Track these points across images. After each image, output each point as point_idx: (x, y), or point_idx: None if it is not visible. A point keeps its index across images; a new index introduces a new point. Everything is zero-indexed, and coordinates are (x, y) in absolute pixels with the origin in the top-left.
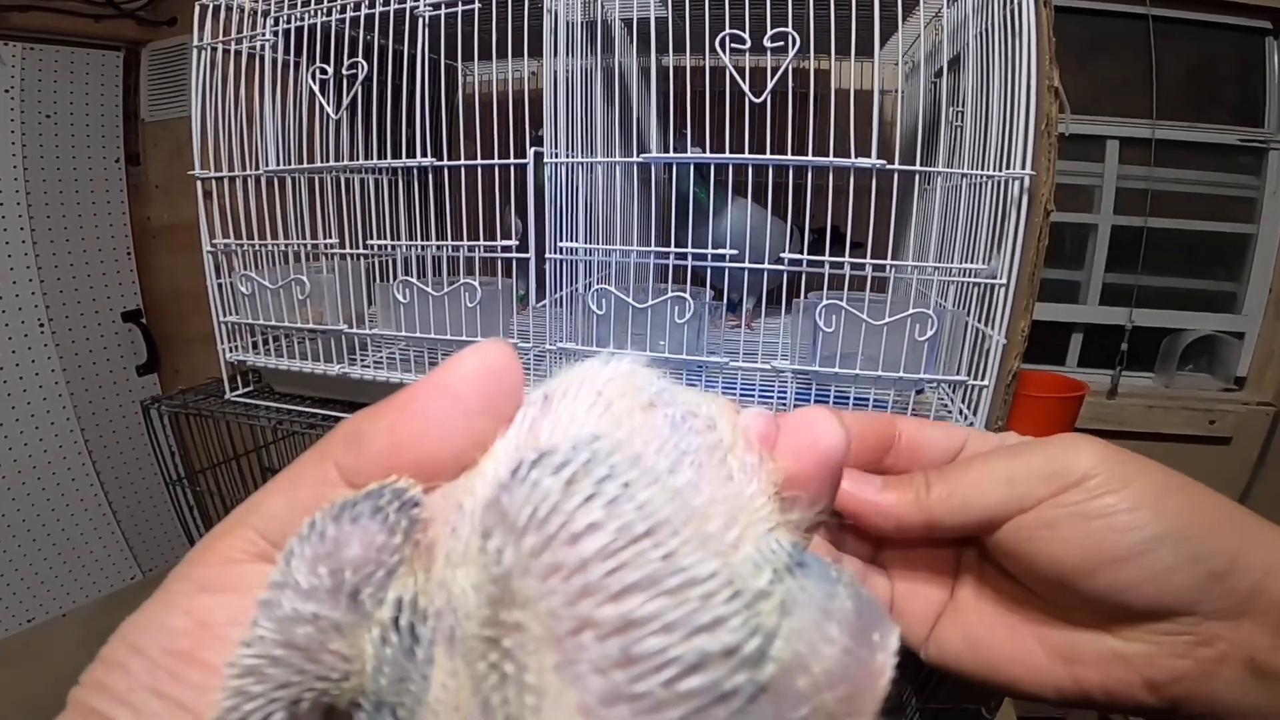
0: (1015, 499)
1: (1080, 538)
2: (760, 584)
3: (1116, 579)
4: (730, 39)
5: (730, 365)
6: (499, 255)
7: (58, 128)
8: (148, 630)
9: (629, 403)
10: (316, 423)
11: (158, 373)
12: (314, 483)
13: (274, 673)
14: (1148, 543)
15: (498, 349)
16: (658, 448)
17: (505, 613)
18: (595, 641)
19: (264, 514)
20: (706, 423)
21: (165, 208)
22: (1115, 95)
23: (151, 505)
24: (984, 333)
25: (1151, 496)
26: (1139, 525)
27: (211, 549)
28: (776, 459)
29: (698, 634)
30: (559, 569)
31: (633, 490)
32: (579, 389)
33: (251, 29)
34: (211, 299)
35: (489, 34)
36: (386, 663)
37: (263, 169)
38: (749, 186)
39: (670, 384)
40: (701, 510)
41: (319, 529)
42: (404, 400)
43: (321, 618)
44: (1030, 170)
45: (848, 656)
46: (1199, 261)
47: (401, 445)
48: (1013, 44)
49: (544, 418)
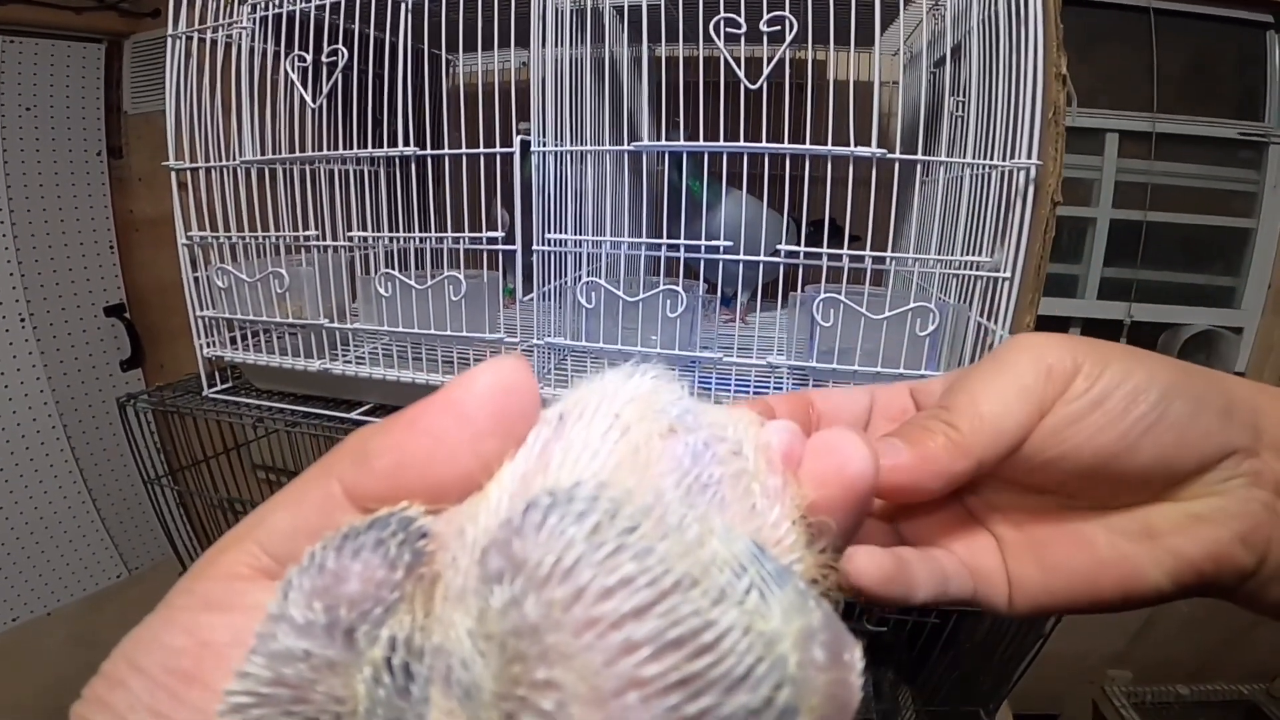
0: (1035, 404)
1: (1110, 420)
2: (774, 625)
3: (1159, 444)
4: (725, 24)
5: (724, 361)
6: (484, 247)
7: (38, 120)
8: (149, 647)
9: (647, 428)
10: (298, 419)
11: (142, 368)
12: (319, 499)
13: (262, 712)
14: (1162, 401)
15: (513, 366)
16: (676, 481)
17: (537, 670)
18: (641, 702)
19: (268, 529)
20: (731, 448)
21: (148, 201)
22: (1115, 88)
23: (137, 503)
24: (987, 328)
25: (1133, 364)
26: (1145, 389)
27: (216, 563)
28: (801, 483)
29: (737, 690)
30: (596, 624)
31: (652, 541)
32: (595, 411)
33: (229, 17)
34: (187, 293)
35: (475, 22)
36: (379, 704)
37: (239, 159)
38: (744, 177)
39: (694, 403)
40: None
41: (318, 561)
42: (412, 417)
43: (314, 655)
44: (1036, 160)
45: (835, 684)
46: (1198, 256)
47: (407, 465)
48: (1018, 31)
49: (556, 441)
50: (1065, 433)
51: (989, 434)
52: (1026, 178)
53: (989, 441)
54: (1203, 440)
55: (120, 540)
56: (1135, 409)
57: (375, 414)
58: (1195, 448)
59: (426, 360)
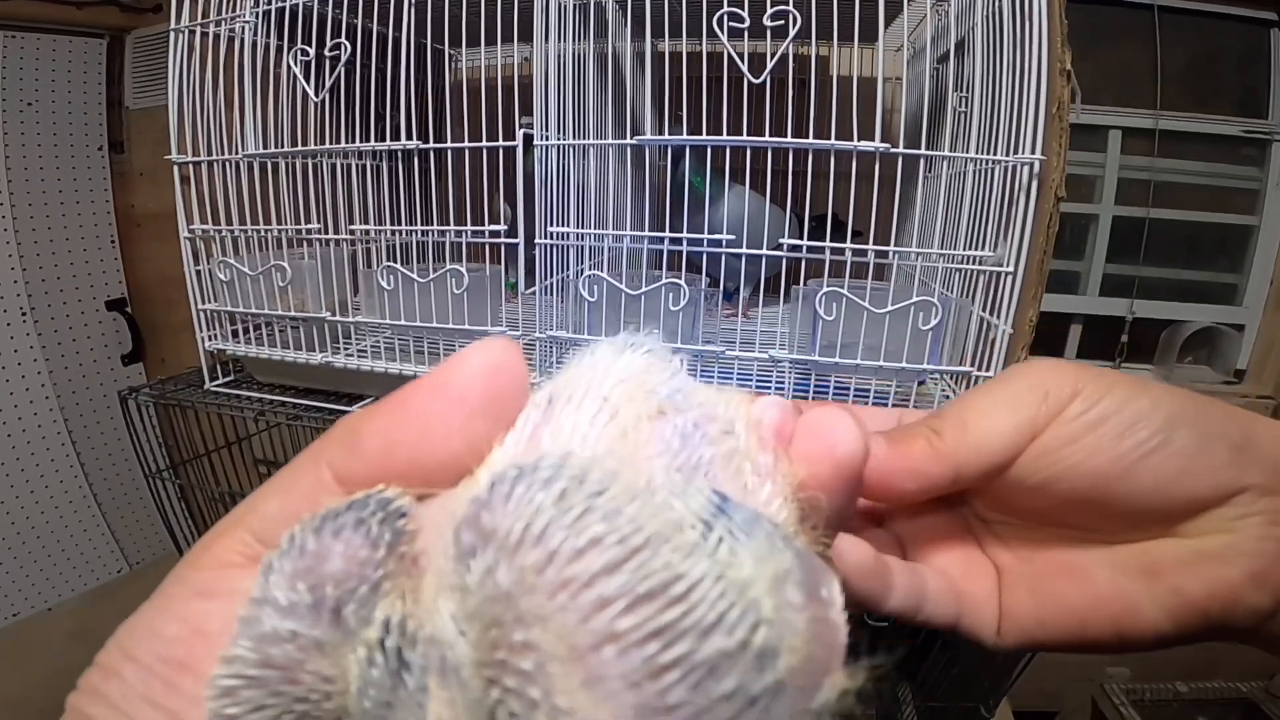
0: (1027, 424)
1: (1107, 443)
2: (746, 572)
3: (1158, 472)
4: (729, 18)
5: (727, 354)
6: (487, 241)
7: (39, 115)
8: (143, 636)
9: (636, 410)
10: (299, 413)
11: (143, 362)
12: (309, 484)
13: (251, 694)
14: (1164, 429)
15: (503, 347)
16: (666, 463)
17: (514, 633)
18: (618, 655)
19: (259, 516)
20: (722, 427)
21: (150, 195)
22: (1118, 85)
23: (138, 497)
24: (990, 322)
25: (1138, 391)
26: (1146, 415)
27: (208, 551)
28: (792, 460)
29: (711, 635)
30: (569, 584)
31: (620, 503)
32: (585, 393)
33: (231, 11)
34: (190, 286)
35: (477, 17)
36: (372, 684)
37: (242, 153)
38: (747, 173)
39: (686, 382)
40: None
41: (299, 542)
42: (402, 399)
43: (301, 635)
44: (1040, 155)
45: (814, 622)
46: (1200, 253)
47: (397, 447)
48: (1023, 26)
49: (545, 425)
50: (1058, 454)
51: (971, 444)
52: (1030, 172)
53: (970, 452)
54: (1210, 473)
55: (121, 535)
56: (1134, 434)
57: None
58: (1202, 480)
59: (429, 354)
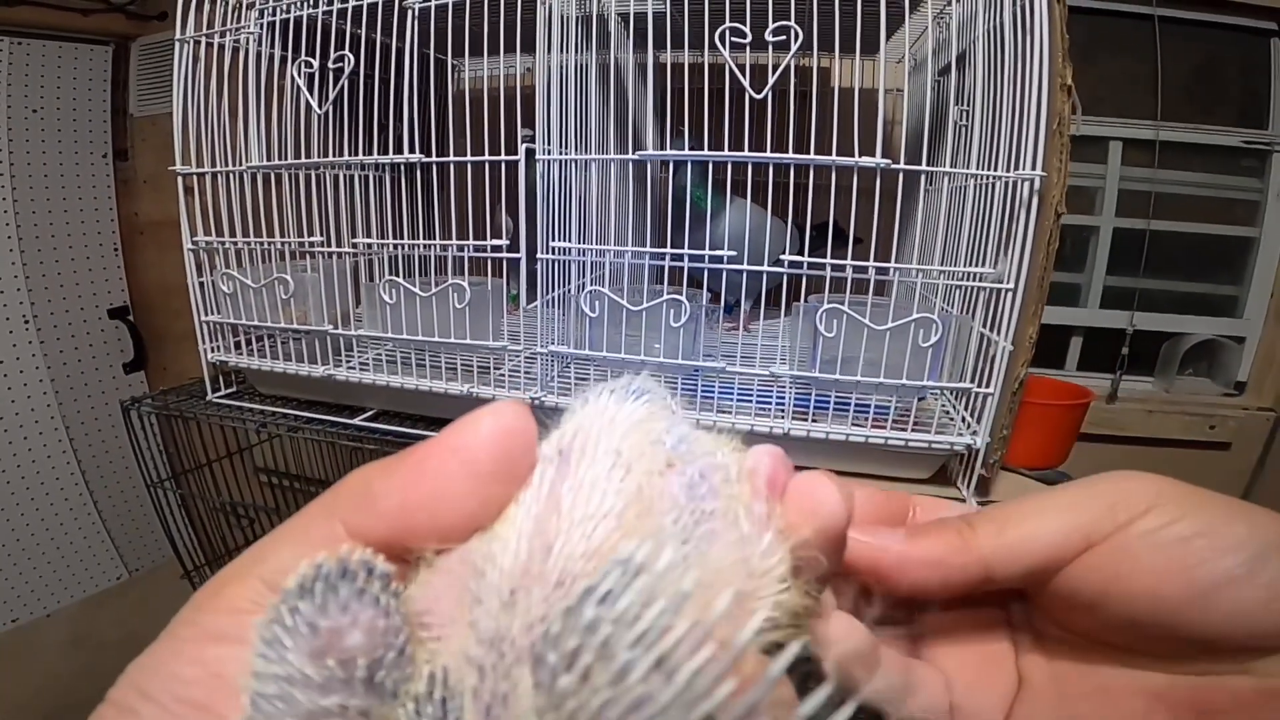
0: (1081, 531)
1: (1181, 566)
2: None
3: (1238, 602)
4: (730, 33)
5: (728, 370)
6: (489, 255)
7: (44, 122)
8: (157, 676)
9: (647, 465)
10: (300, 425)
11: (145, 370)
12: (322, 538)
13: None
14: (1258, 558)
15: (513, 411)
16: (674, 519)
17: None
18: None
19: (272, 566)
20: (723, 476)
21: (154, 203)
22: (1119, 96)
23: (138, 504)
24: (990, 338)
25: (1234, 514)
26: (1240, 541)
27: (220, 595)
28: (784, 510)
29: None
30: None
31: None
32: (596, 448)
33: (236, 21)
34: (193, 298)
35: (481, 28)
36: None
37: (246, 165)
38: (748, 185)
39: (687, 429)
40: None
41: (307, 619)
42: (417, 460)
43: (349, 708)
44: (1041, 171)
45: None
46: (1200, 265)
47: (412, 507)
48: (1024, 41)
49: (562, 482)
50: (1117, 568)
51: (1008, 542)
52: (1031, 189)
53: (1006, 550)
54: None
55: (121, 542)
56: (1221, 560)
57: (378, 420)
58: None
59: (430, 367)
